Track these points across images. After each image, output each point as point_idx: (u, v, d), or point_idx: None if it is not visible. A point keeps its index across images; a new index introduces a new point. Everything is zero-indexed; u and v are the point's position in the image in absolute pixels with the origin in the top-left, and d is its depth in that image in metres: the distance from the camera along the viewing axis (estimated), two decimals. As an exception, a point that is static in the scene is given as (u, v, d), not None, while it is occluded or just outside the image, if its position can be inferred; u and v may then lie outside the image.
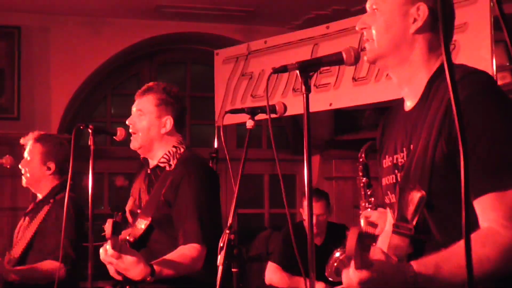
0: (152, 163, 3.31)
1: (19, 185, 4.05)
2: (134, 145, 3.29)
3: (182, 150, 3.28)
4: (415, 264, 1.68)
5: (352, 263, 1.61)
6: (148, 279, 2.93)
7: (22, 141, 4.15)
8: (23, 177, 4.08)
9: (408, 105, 2.02)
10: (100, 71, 6.95)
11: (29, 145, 4.09)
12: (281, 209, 7.28)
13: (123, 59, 7.14)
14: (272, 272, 5.18)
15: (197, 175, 3.17)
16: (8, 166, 4.30)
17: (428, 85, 1.94)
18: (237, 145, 6.89)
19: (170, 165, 3.23)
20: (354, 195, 7.35)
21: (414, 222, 1.84)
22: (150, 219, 3.15)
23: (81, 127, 3.39)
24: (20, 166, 4.09)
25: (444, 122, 1.81)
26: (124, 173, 7.00)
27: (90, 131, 3.35)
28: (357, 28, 2.08)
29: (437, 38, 1.95)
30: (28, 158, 4.06)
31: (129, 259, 2.88)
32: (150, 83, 3.35)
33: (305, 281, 2.28)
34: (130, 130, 3.29)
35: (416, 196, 1.83)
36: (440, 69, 1.95)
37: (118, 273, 3.04)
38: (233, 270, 3.48)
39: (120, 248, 2.88)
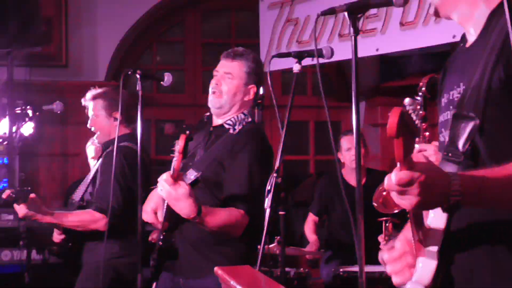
0: (217, 121, 3.34)
1: (69, 132, 4.13)
2: (214, 104, 3.31)
3: (249, 119, 3.30)
4: (461, 174, 1.64)
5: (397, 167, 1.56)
6: (192, 216, 2.97)
7: (83, 102, 4.15)
8: (95, 137, 4.12)
9: (469, 41, 1.99)
10: (145, 19, 6.98)
11: (90, 104, 4.10)
12: (326, 155, 7.31)
13: (167, 7, 7.14)
14: (308, 225, 5.36)
15: (259, 147, 3.21)
16: (58, 112, 4.37)
17: (489, 20, 1.90)
18: (282, 92, 6.88)
19: (234, 129, 3.26)
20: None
21: (465, 149, 1.80)
22: (200, 173, 3.19)
23: (129, 73, 3.42)
24: (88, 126, 4.12)
25: (503, 49, 1.78)
26: (171, 120, 7.07)
27: (138, 76, 3.37)
28: None
29: None
30: (94, 117, 4.09)
31: (182, 189, 2.92)
32: (239, 49, 3.38)
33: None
34: (212, 89, 3.31)
35: (469, 123, 1.80)
36: (502, 3, 1.91)
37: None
38: (280, 213, 3.54)
39: (178, 175, 2.91)
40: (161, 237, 3.13)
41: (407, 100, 1.96)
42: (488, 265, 1.78)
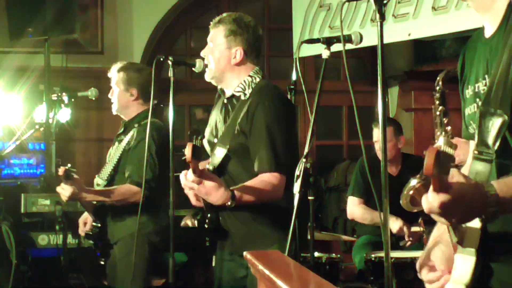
0: (228, 92, 3.32)
1: (105, 117, 4.20)
2: (207, 76, 3.33)
3: (257, 79, 3.27)
4: (496, 184, 1.65)
5: (431, 187, 1.57)
6: (228, 203, 2.98)
7: (109, 74, 4.26)
8: (112, 106, 4.21)
9: (488, 32, 1.96)
10: (180, 4, 7.02)
11: (113, 76, 4.21)
12: (359, 141, 7.29)
13: (202, -8, 7.19)
14: (353, 207, 5.21)
15: (272, 103, 3.16)
16: (93, 98, 4.44)
17: (509, 10, 1.87)
18: (315, 77, 6.88)
19: (245, 94, 3.24)
20: (434, 127, 7.27)
21: (496, 147, 1.79)
22: (227, 148, 3.20)
23: (161, 59, 3.45)
24: (109, 96, 4.21)
25: None
26: (204, 106, 7.12)
27: (170, 62, 3.42)
28: None
29: None
30: (114, 88, 4.19)
31: (209, 183, 2.93)
32: (224, 14, 3.34)
33: (380, 216, 2.30)
34: (205, 62, 3.33)
35: (497, 120, 1.78)
36: None
37: (199, 199, 3.14)
38: (309, 198, 3.56)
39: (200, 173, 2.92)
40: (207, 219, 3.16)
41: (441, 140, 1.98)
42: None
